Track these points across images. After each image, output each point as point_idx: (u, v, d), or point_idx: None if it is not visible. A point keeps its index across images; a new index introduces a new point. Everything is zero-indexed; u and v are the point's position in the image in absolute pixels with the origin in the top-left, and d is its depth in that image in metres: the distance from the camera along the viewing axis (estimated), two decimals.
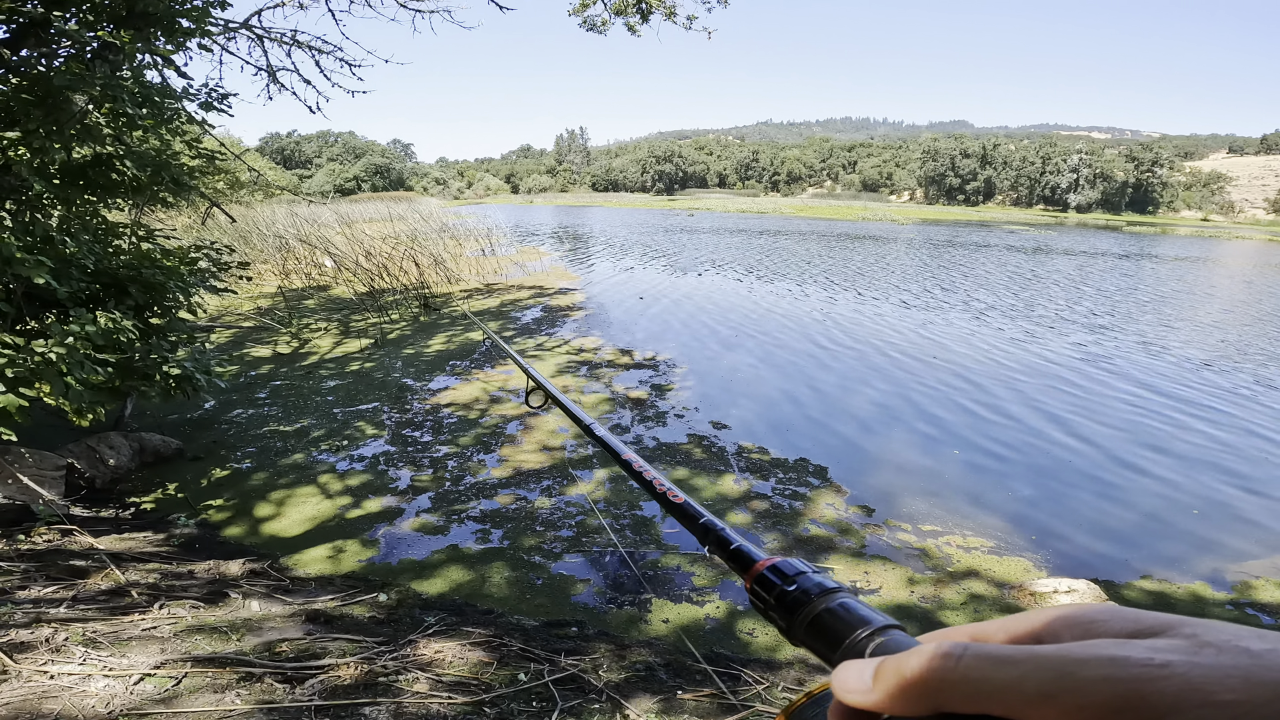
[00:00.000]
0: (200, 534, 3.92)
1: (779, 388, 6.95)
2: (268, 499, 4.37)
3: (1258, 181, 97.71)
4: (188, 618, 2.51)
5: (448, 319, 10.03)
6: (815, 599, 0.31)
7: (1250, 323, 12.36)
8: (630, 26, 12.02)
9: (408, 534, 3.95)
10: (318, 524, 4.05)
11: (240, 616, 2.65)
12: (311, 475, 4.70)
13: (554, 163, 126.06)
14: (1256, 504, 4.65)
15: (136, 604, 2.63)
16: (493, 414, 5.93)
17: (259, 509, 4.24)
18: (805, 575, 0.33)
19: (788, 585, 0.33)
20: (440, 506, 4.27)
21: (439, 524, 4.05)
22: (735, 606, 3.27)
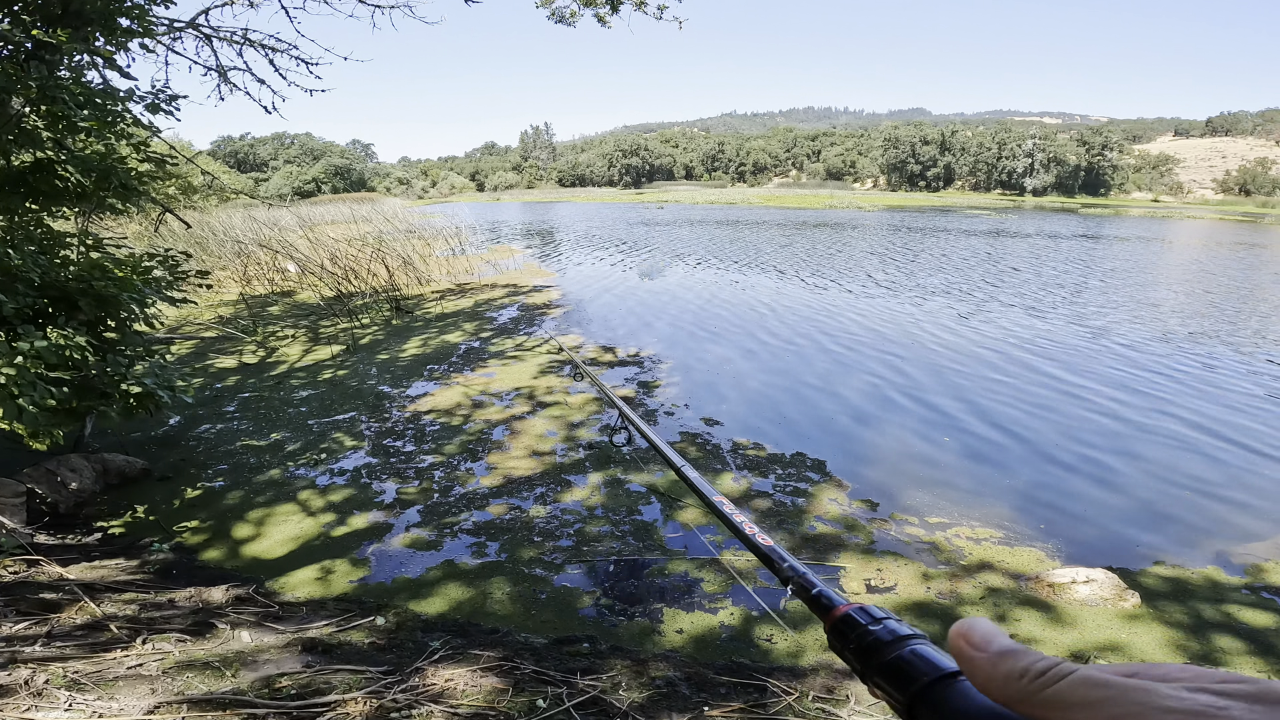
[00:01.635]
0: (177, 559, 3.68)
1: (767, 380, 6.88)
2: (246, 519, 4.12)
3: (1204, 163, 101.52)
4: (175, 652, 2.32)
5: (421, 321, 9.74)
6: (888, 645, 0.33)
7: (1225, 300, 12.71)
8: (600, 17, 11.79)
9: (399, 551, 3.76)
10: (302, 544, 3.84)
11: (232, 649, 2.46)
12: (290, 492, 4.46)
13: (519, 159, 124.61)
14: (1245, 482, 4.67)
15: (117, 639, 2.42)
16: (477, 419, 5.73)
17: (237, 530, 4.00)
18: (882, 623, 0.35)
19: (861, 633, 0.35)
20: (431, 520, 4.08)
21: (431, 539, 3.86)
22: (749, 612, 3.16)
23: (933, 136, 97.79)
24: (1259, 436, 5.47)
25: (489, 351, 7.93)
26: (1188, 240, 27.49)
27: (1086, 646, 2.85)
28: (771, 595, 3.28)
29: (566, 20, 12.49)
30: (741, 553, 3.62)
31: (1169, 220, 45.27)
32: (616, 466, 4.76)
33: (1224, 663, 2.74)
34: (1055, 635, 2.93)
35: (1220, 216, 52.65)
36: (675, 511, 4.11)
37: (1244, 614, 3.15)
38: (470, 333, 8.89)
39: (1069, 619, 3.04)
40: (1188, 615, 3.11)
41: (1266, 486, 4.61)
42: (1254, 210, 68.86)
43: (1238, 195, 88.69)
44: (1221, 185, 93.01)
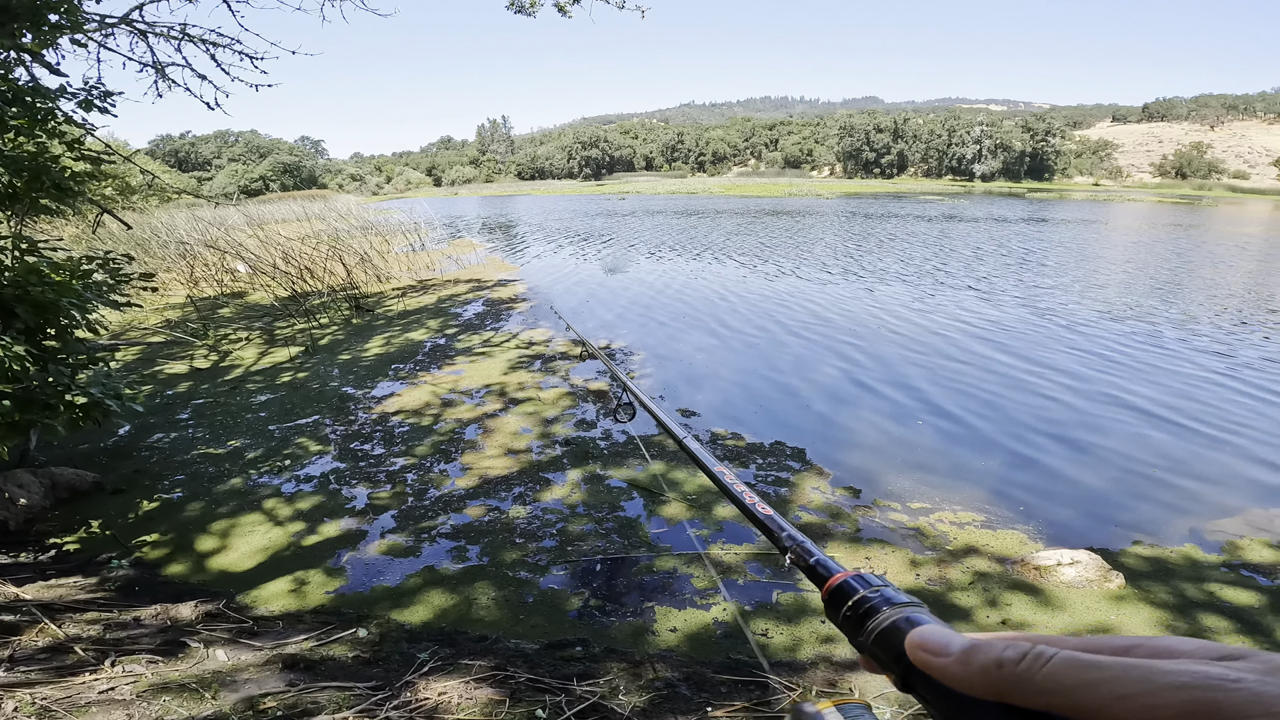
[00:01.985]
0: (138, 575, 3.49)
1: (742, 369, 6.88)
2: (209, 531, 3.93)
3: (1142, 148, 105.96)
4: (147, 675, 2.18)
5: (383, 320, 9.46)
6: (882, 613, 0.32)
7: (1166, 280, 13.25)
8: (560, 7, 11.58)
9: (376, 558, 3.62)
10: (271, 555, 3.67)
11: (208, 669, 2.33)
12: (255, 501, 4.27)
13: (477, 153, 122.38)
14: (1207, 458, 4.78)
15: (85, 662, 2.27)
16: (447, 419, 5.57)
17: (201, 543, 3.81)
18: (879, 591, 0.34)
19: (858, 600, 0.34)
20: (406, 525, 3.94)
21: (408, 544, 3.73)
22: (743, 607, 3.13)
23: (886, 124, 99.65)
24: (1214, 413, 5.64)
25: (456, 348, 7.74)
26: (1129, 223, 28.59)
27: (1079, 630, 2.86)
28: (763, 589, 3.26)
29: (526, 10, 12.23)
30: (729, 548, 3.60)
31: (1110, 203, 47.05)
32: (595, 462, 4.69)
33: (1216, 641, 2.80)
34: (1047, 619, 2.96)
35: (1159, 199, 54.95)
36: (658, 506, 4.06)
37: (1226, 593, 3.19)
38: (435, 330, 8.67)
39: (1058, 602, 3.07)
40: (1172, 595, 3.15)
41: (1228, 461, 4.74)
42: (1190, 193, 72.09)
43: (1174, 179, 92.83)
44: (1159, 169, 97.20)
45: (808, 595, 3.15)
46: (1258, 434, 5.18)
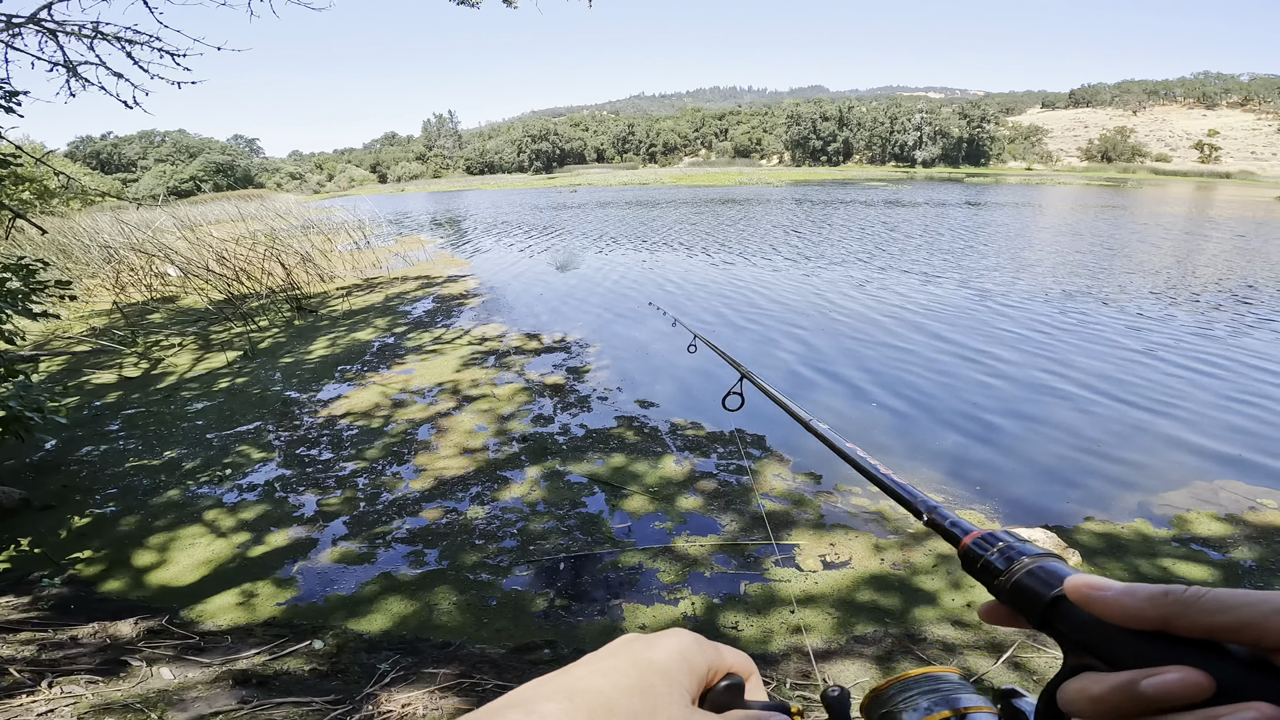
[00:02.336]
0: (73, 593, 3.28)
1: (696, 357, 6.87)
2: (146, 545, 3.72)
3: (1070, 133, 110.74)
4: (88, 695, 2.04)
5: (327, 320, 9.12)
6: (1024, 559, 0.36)
7: (1095, 260, 13.86)
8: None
9: (328, 567, 3.48)
10: (216, 567, 3.50)
11: (152, 688, 2.20)
12: (195, 513, 4.06)
13: (423, 148, 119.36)
14: (1148, 432, 4.91)
15: (21, 684, 2.13)
16: (399, 419, 5.40)
17: (138, 558, 3.61)
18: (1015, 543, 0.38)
19: (1002, 548, 0.38)
20: (360, 531, 3.80)
21: (362, 551, 3.59)
22: (711, 600, 3.10)
23: (831, 113, 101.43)
24: (1151, 387, 5.81)
25: (406, 347, 7.52)
26: (1059, 205, 29.82)
27: None
28: (731, 581, 3.25)
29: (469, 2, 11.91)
30: (694, 539, 3.58)
31: (1042, 187, 49.02)
32: (554, 458, 4.61)
33: None
34: None
35: (1086, 182, 57.56)
36: (620, 500, 4.01)
37: (1180, 568, 3.24)
38: (383, 328, 8.41)
39: None
40: (1128, 572, 3.17)
41: (1168, 435, 4.86)
42: (1116, 176, 75.82)
43: (1101, 162, 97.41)
44: (1086, 153, 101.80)
45: (775, 585, 3.15)
46: (1193, 406, 5.35)
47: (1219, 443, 4.71)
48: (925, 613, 2.92)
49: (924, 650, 2.67)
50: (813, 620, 2.91)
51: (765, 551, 3.45)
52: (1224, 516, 3.72)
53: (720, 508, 3.90)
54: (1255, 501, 3.86)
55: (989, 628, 2.77)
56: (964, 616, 2.87)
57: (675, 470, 4.38)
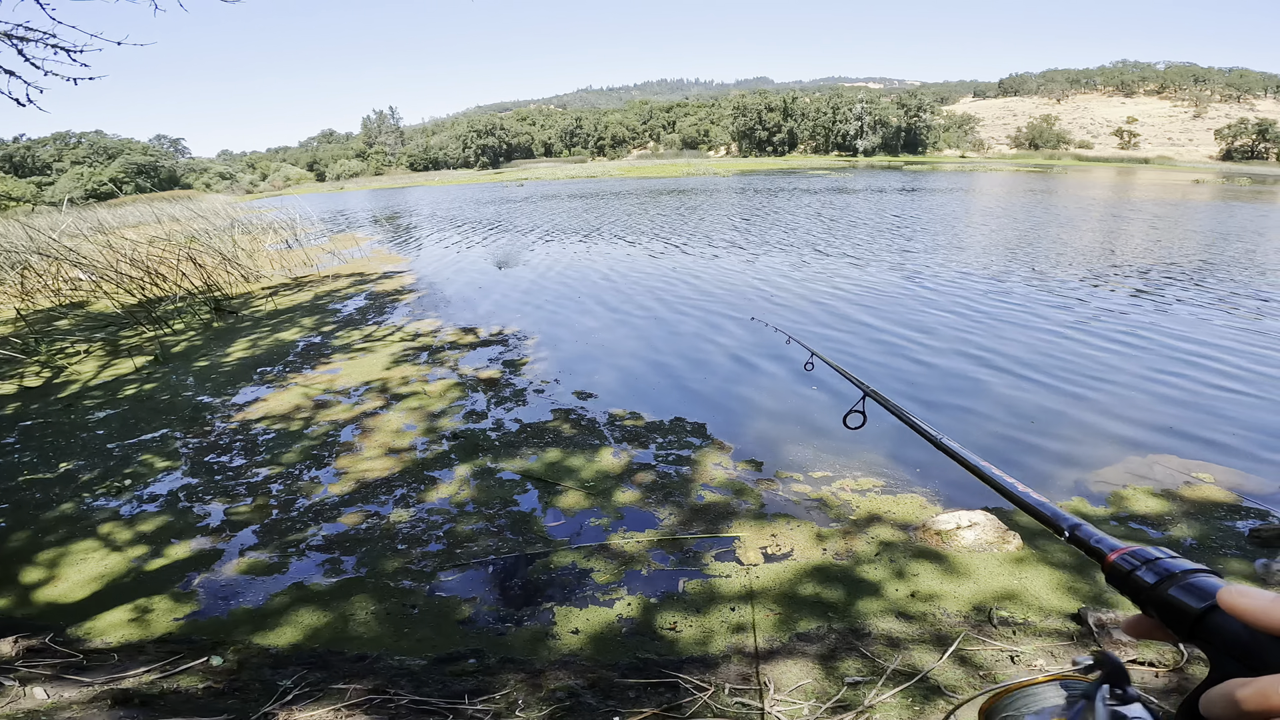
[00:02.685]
0: None
1: (637, 346, 6.72)
2: (34, 562, 3.38)
3: (1000, 121, 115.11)
4: None
5: (249, 321, 8.58)
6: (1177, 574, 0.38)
7: (1023, 241, 14.30)
8: None
9: (234, 579, 3.20)
10: (108, 583, 3.20)
11: (22, 708, 2.00)
12: (89, 527, 3.72)
13: (364, 146, 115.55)
14: (1079, 409, 4.91)
15: None
16: (320, 421, 5.06)
17: (25, 575, 3.27)
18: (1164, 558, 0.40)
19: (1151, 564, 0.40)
20: (270, 540, 3.52)
21: (272, 561, 3.33)
22: (648, 600, 2.92)
23: (776, 104, 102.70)
24: (1079, 365, 5.84)
25: (333, 346, 7.11)
26: (991, 190, 30.85)
27: (986, 598, 2.79)
28: (669, 578, 3.08)
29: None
30: (630, 535, 3.41)
31: (975, 173, 50.77)
32: (486, 455, 4.37)
33: (1117, 603, 2.70)
34: (954, 588, 2.88)
35: (1016, 169, 59.91)
36: (554, 497, 3.81)
37: None
38: (310, 328, 7.95)
39: (962, 569, 3.01)
40: (1069, 554, 3.08)
41: (1099, 411, 4.85)
42: (1043, 162, 79.20)
43: (1029, 149, 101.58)
44: (1015, 141, 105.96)
45: (716, 581, 3.00)
46: (1122, 383, 5.39)
47: (1151, 415, 4.74)
48: (869, 605, 2.79)
49: (868, 647, 2.55)
50: (753, 617, 2.76)
51: (705, 545, 3.29)
52: (1160, 492, 3.69)
53: (659, 500, 3.73)
54: (1190, 475, 3.84)
55: (933, 622, 2.66)
56: (908, 608, 2.76)
57: (613, 463, 4.19)
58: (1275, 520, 3.34)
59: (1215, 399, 4.98)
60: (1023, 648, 2.46)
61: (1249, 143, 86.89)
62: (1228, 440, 4.29)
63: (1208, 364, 5.74)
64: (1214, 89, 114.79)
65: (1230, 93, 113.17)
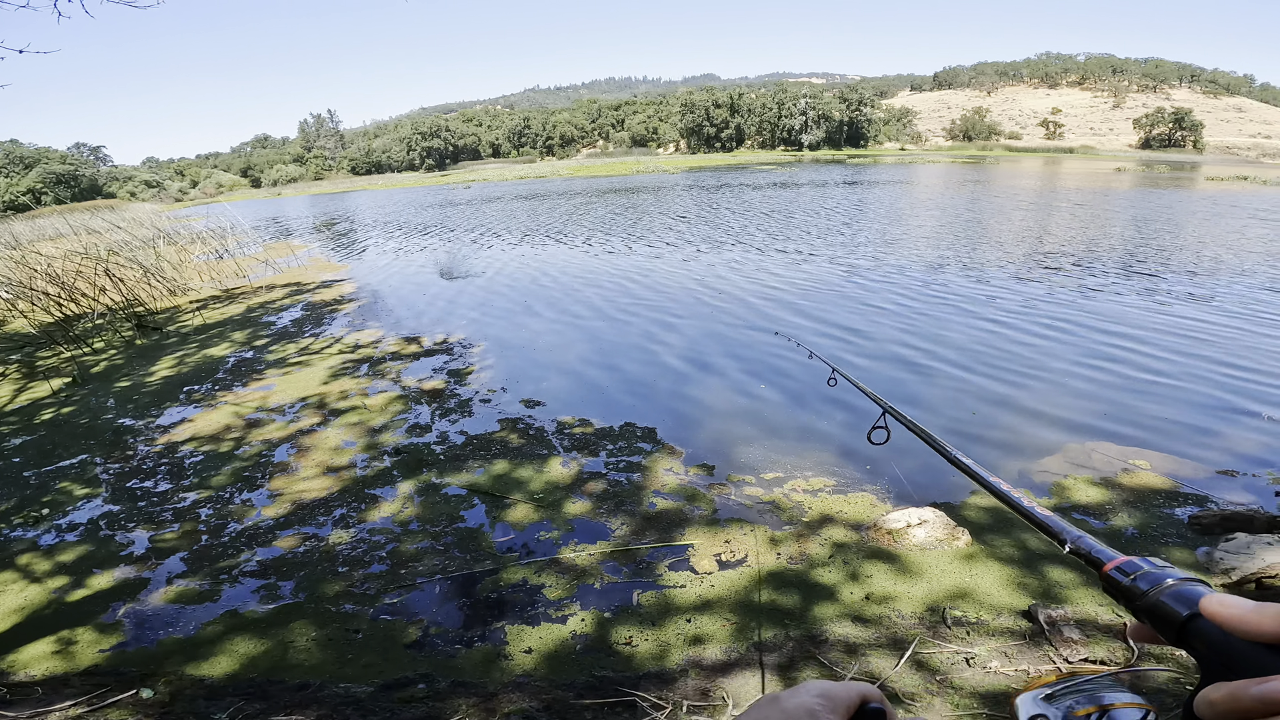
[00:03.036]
0: None
1: (585, 350, 6.61)
2: None
3: (935, 114, 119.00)
4: None
5: (176, 337, 8.12)
6: (1168, 582, 0.40)
7: (961, 231, 14.76)
8: None
9: (162, 608, 3.05)
10: (28, 615, 3.04)
11: None
12: (6, 558, 3.54)
13: (301, 150, 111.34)
14: (1017, 398, 4.97)
15: None
16: (252, 441, 4.81)
17: None
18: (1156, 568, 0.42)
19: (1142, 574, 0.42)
20: (201, 567, 3.35)
21: (204, 589, 3.17)
22: (602, 614, 2.84)
23: (723, 100, 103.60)
24: (1012, 355, 5.92)
25: (266, 361, 6.78)
26: (928, 182, 31.76)
27: (939, 597, 2.79)
28: (623, 591, 3.01)
29: None
30: (582, 548, 3.33)
31: (914, 165, 52.28)
32: (430, 469, 4.22)
33: (1066, 598, 2.75)
34: (908, 589, 2.87)
35: (952, 160, 62.02)
36: (502, 511, 3.69)
37: None
38: (241, 342, 7.57)
39: (914, 568, 3.00)
40: (1016, 549, 3.10)
41: (1036, 399, 4.92)
42: (976, 153, 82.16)
43: (963, 141, 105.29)
44: (950, 133, 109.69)
45: (670, 592, 2.94)
46: (1057, 370, 5.49)
47: (1085, 403, 4.82)
48: (825, 609, 2.77)
49: (826, 654, 2.53)
50: (710, 628, 2.71)
51: (658, 555, 3.23)
52: (1100, 481, 3.74)
53: (610, 510, 3.66)
54: (1127, 463, 3.91)
55: (889, 626, 2.66)
56: (864, 611, 2.74)
57: (562, 473, 4.10)
58: (1213, 506, 3.42)
59: (1144, 385, 5.10)
60: (977, 649, 2.47)
61: (1166, 131, 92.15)
62: (1159, 426, 4.41)
63: (1135, 351, 5.91)
64: (1131, 79, 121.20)
65: (1147, 83, 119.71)
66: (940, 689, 2.30)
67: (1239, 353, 5.75)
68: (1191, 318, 6.89)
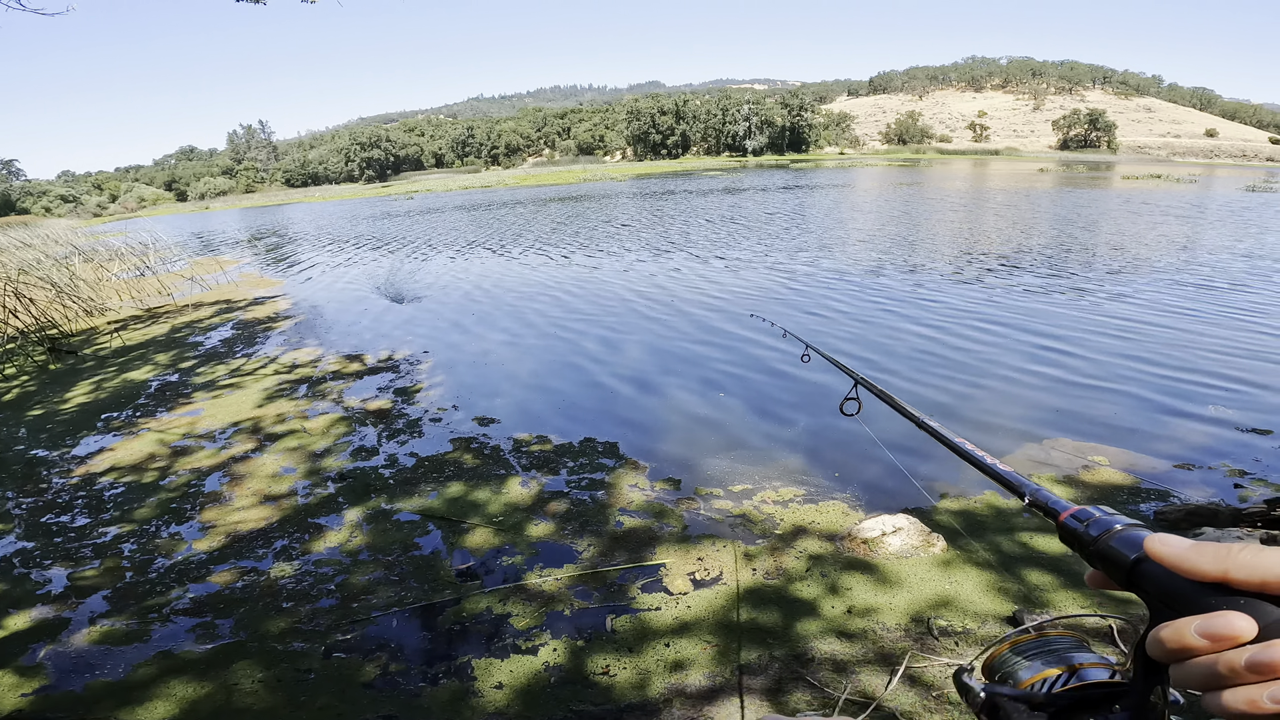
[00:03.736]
0: None
1: (539, 363, 6.36)
2: None
3: (871, 118, 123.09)
4: None
5: (93, 361, 7.51)
6: (1116, 527, 0.41)
7: (901, 232, 15.15)
8: None
9: (87, 649, 2.81)
10: None
11: None
12: None
13: (231, 162, 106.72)
14: (972, 395, 4.95)
15: None
16: (179, 471, 4.44)
17: None
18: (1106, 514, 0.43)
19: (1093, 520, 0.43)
20: (126, 606, 3.09)
21: (132, 628, 2.92)
22: (575, 643, 2.65)
23: (669, 107, 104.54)
24: (964, 353, 5.99)
25: (194, 384, 6.31)
26: (867, 185, 32.68)
27: (922, 607, 2.71)
28: (595, 616, 2.83)
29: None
30: (548, 573, 3.13)
31: (854, 169, 53.90)
32: (380, 495, 3.95)
33: (1047, 601, 2.71)
34: (890, 600, 2.77)
35: (888, 163, 64.21)
36: (460, 537, 3.46)
37: (1037, 542, 3.10)
38: (165, 365, 7.04)
39: (894, 577, 2.91)
40: (992, 553, 3.06)
41: (989, 397, 4.92)
42: (911, 156, 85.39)
43: (897, 144, 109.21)
44: (885, 137, 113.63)
45: (646, 616, 2.77)
46: (1008, 368, 5.53)
47: (1037, 400, 4.84)
48: (808, 626, 2.65)
49: (814, 674, 2.41)
50: (690, 652, 2.55)
51: (629, 577, 3.06)
52: (1063, 479, 3.73)
53: (575, 531, 3.47)
54: (1087, 459, 3.93)
55: (875, 640, 2.56)
56: (847, 626, 2.63)
57: (522, 493, 3.88)
58: (1175, 501, 3.45)
59: (1088, 384, 5.14)
60: (969, 659, 2.41)
61: (1082, 132, 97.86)
62: (1109, 422, 4.45)
63: (1075, 351, 5.94)
64: (1049, 81, 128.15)
65: (1063, 85, 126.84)
66: (938, 705, 2.21)
67: (1174, 348, 5.93)
68: (1122, 316, 7.03)
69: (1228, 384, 5.06)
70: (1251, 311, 7.15)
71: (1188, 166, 59.83)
